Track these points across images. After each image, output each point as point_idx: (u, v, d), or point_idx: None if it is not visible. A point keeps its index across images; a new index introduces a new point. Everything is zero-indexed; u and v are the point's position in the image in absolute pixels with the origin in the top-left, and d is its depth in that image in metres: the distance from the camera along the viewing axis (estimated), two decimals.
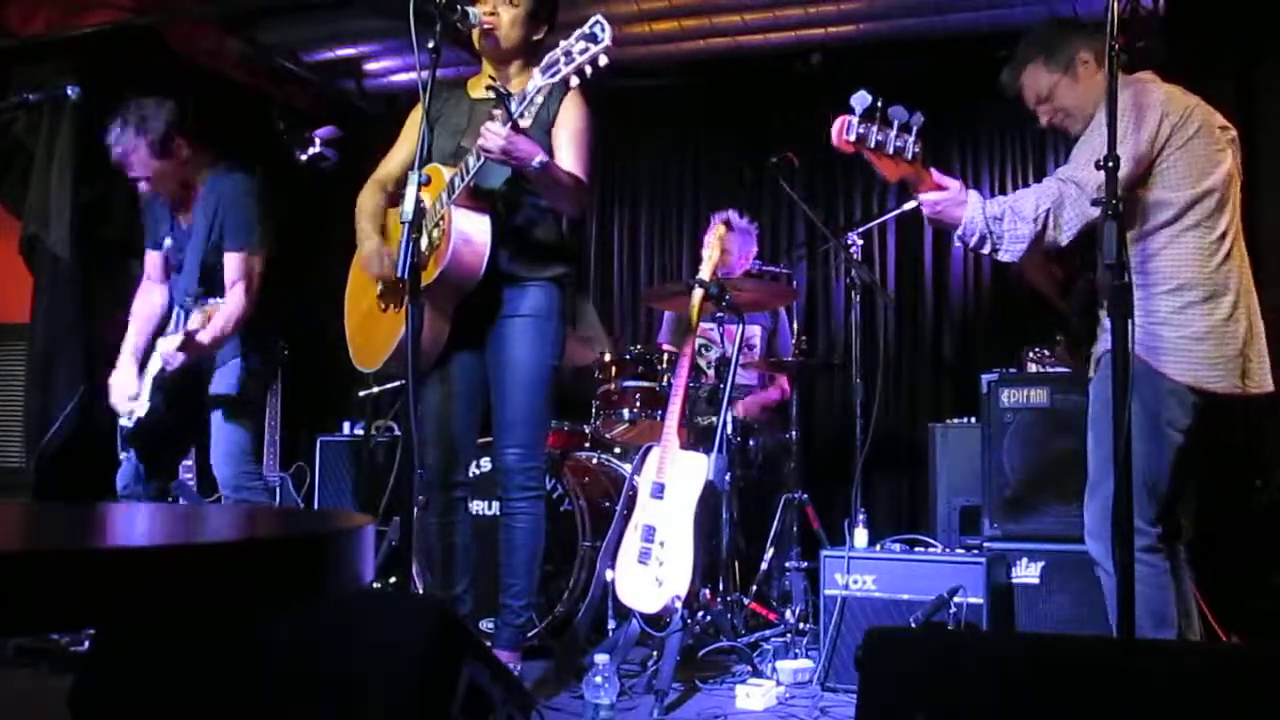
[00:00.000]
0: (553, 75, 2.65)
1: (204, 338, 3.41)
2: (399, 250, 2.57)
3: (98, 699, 1.87)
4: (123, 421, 3.60)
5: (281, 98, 5.54)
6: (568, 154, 2.97)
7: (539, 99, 2.74)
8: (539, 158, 2.78)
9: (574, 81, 2.67)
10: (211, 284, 3.52)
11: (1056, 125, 2.90)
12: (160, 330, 3.68)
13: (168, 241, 3.63)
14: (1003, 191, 5.38)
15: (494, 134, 2.72)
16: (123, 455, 3.62)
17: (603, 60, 2.60)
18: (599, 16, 2.60)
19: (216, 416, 3.55)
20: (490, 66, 3.09)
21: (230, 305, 3.44)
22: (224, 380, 3.55)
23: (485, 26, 2.93)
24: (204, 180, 3.56)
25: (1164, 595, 2.57)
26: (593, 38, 2.59)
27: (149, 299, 3.73)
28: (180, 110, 3.52)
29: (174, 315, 3.60)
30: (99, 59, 4.66)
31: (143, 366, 3.61)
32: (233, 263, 3.49)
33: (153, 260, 3.73)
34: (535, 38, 3.06)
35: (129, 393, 3.55)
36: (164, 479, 3.69)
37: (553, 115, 2.98)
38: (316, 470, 5.21)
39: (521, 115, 2.73)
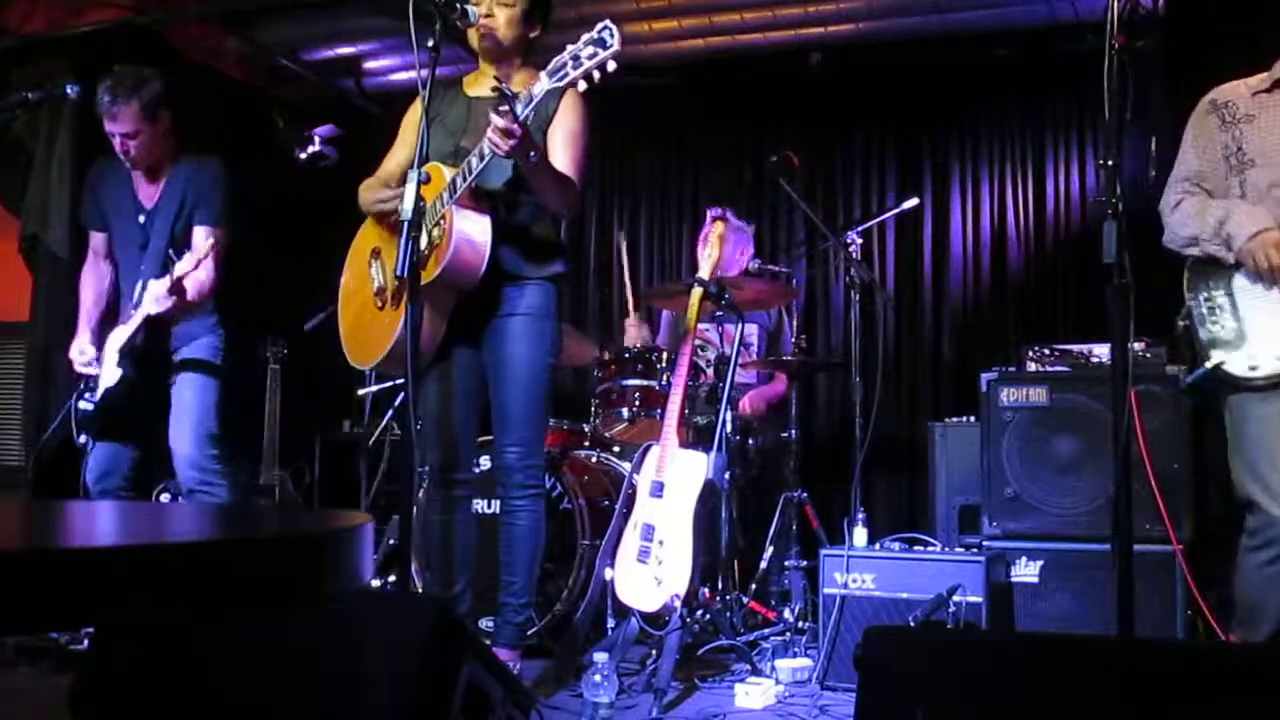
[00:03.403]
0: (560, 79, 2.63)
1: (189, 283, 3.45)
2: (399, 248, 2.57)
3: (97, 698, 1.87)
4: (83, 404, 3.61)
5: (281, 96, 5.54)
6: (562, 153, 2.97)
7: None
8: (535, 152, 2.78)
9: (581, 86, 2.66)
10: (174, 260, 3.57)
11: None
12: (112, 309, 3.73)
13: (141, 218, 3.65)
14: (1001, 192, 5.39)
15: (507, 128, 2.67)
16: (79, 440, 3.62)
17: (611, 66, 2.58)
18: (608, 22, 2.57)
19: (182, 391, 3.57)
20: (488, 65, 3.09)
21: (203, 273, 3.50)
22: (197, 349, 3.61)
23: (483, 27, 2.93)
24: (174, 163, 3.63)
25: None
26: (601, 43, 2.57)
27: (96, 276, 3.79)
28: (164, 86, 3.60)
29: (139, 286, 3.59)
30: (98, 57, 4.65)
31: (100, 343, 3.64)
32: (203, 235, 3.56)
33: (100, 239, 3.78)
34: (531, 35, 3.07)
35: (87, 358, 3.60)
36: (139, 467, 3.68)
37: (550, 113, 2.98)
38: (316, 470, 5.21)
39: (527, 119, 2.72)
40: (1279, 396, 2.62)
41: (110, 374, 3.56)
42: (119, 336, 3.58)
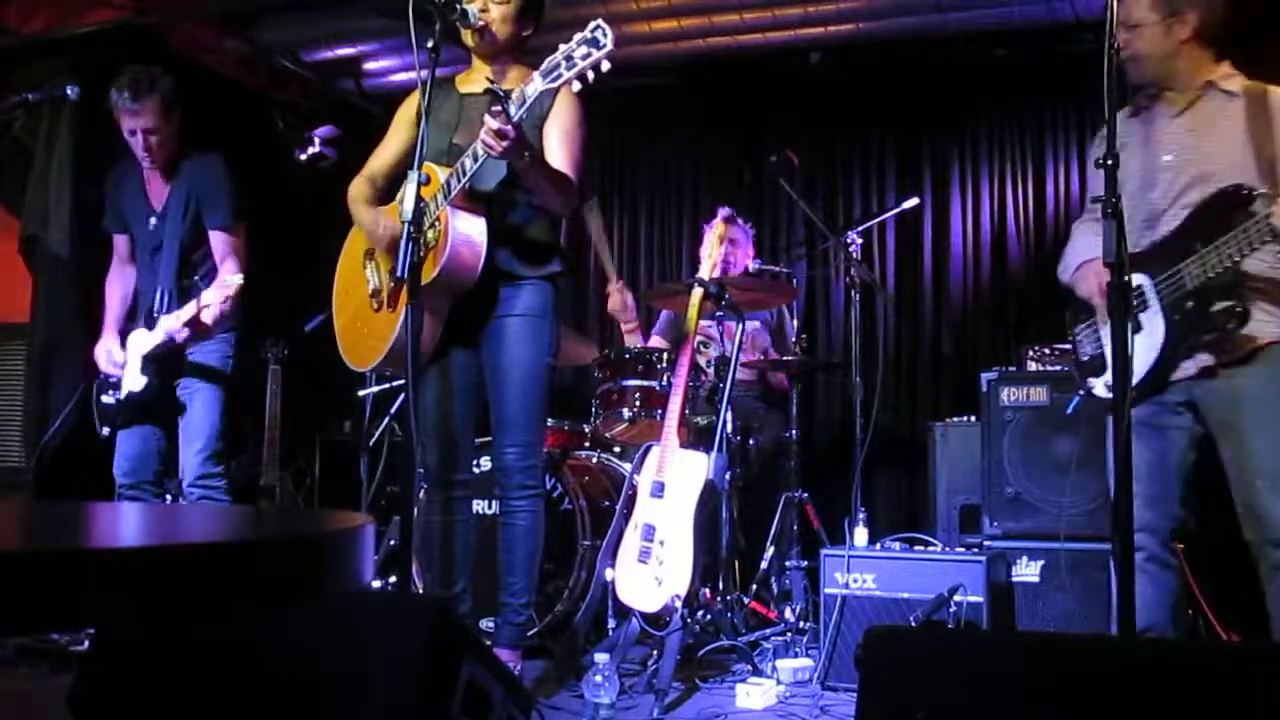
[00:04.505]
0: (554, 80, 2.63)
1: (207, 317, 3.51)
2: (398, 249, 2.57)
3: (97, 699, 1.88)
4: (105, 399, 3.72)
5: (281, 97, 5.54)
6: (558, 152, 2.97)
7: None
8: (529, 153, 2.78)
9: (575, 86, 2.66)
10: (189, 264, 3.67)
11: (1124, 57, 2.70)
12: (133, 310, 3.82)
13: (153, 222, 3.71)
14: (1001, 192, 5.38)
15: (500, 129, 2.66)
16: (102, 432, 3.74)
17: (604, 66, 2.58)
18: (600, 21, 2.57)
19: (192, 403, 3.65)
20: (482, 64, 3.09)
21: (227, 281, 3.54)
22: (207, 354, 3.67)
23: (479, 23, 2.93)
24: (179, 164, 3.69)
25: None
26: (594, 43, 2.57)
27: (122, 279, 3.87)
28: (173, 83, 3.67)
29: (158, 294, 3.66)
30: (99, 58, 4.65)
31: (123, 343, 3.73)
32: (218, 241, 3.65)
33: (122, 242, 3.86)
34: (525, 33, 3.07)
35: (116, 359, 3.70)
36: (166, 460, 3.75)
37: (545, 111, 2.98)
38: (316, 470, 5.20)
39: (521, 119, 2.72)
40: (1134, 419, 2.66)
41: (135, 380, 3.65)
42: (141, 342, 3.66)
